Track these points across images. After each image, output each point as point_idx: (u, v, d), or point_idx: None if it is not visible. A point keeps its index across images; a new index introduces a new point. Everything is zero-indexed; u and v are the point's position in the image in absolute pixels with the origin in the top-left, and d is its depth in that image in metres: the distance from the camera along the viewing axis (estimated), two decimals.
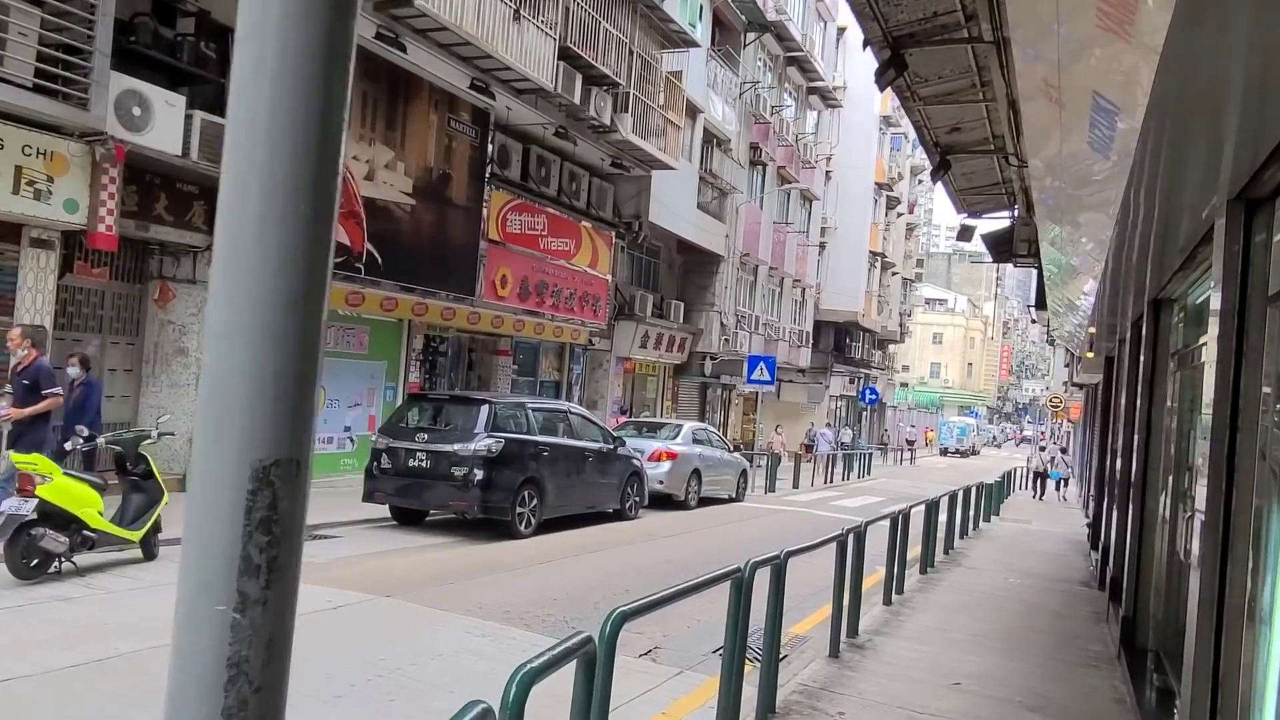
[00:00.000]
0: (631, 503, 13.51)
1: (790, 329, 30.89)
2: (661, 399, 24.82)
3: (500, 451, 10.38)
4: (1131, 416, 8.93)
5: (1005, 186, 13.97)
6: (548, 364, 19.71)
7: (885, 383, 49.89)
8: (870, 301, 40.73)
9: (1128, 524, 7.61)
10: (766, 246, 27.93)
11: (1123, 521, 8.86)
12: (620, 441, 13.31)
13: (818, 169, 32.67)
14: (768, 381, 20.69)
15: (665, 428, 16.71)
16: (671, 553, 10.83)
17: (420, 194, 14.21)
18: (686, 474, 15.65)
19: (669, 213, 21.46)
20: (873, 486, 25.70)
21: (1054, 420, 44.33)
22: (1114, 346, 12.18)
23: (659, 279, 24.11)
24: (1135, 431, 8.30)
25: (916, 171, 52.88)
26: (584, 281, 19.06)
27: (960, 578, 10.72)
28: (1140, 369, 7.30)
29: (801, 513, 17.10)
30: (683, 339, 24.16)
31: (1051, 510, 23.92)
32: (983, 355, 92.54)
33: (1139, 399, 7.30)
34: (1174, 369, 6.96)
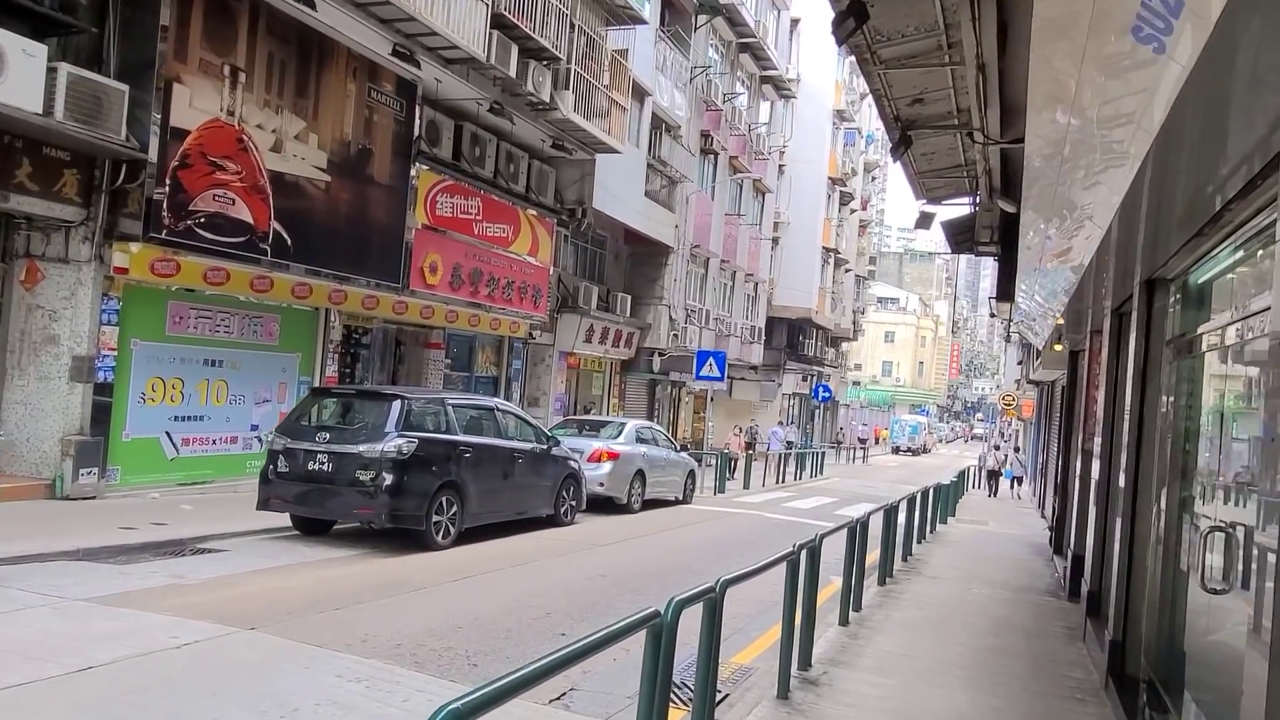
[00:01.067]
0: (567, 508, 12.42)
1: (742, 325, 30.04)
2: (608, 396, 23.76)
3: (413, 453, 9.22)
4: (1115, 414, 8.09)
5: (968, 170, 13.15)
6: (485, 358, 18.53)
7: (838, 381, 49.43)
8: (823, 298, 40.12)
9: (1115, 537, 6.74)
10: (718, 239, 27.02)
11: (1105, 533, 8.01)
12: (554, 441, 12.21)
13: (771, 161, 31.87)
14: (718, 378, 19.76)
15: (607, 426, 15.66)
16: (607, 564, 9.77)
17: (337, 170, 12.95)
18: (629, 475, 14.61)
19: (615, 200, 20.41)
20: (825, 486, 24.94)
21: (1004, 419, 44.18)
22: (1082, 340, 11.41)
23: (605, 270, 23.04)
24: (1122, 432, 7.48)
25: (870, 168, 52.54)
26: (523, 271, 17.91)
27: (922, 589, 9.83)
28: (1130, 359, 6.43)
29: (752, 515, 16.17)
30: (630, 334, 23.13)
31: (1006, 509, 23.37)
32: (934, 354, 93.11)
33: (1128, 394, 6.43)
34: (1170, 358, 6.09)
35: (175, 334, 11.42)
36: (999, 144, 10.93)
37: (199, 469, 11.90)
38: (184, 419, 11.65)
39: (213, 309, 11.90)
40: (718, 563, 10.53)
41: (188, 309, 11.55)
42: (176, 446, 11.55)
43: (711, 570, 10.11)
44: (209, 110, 10.91)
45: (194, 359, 11.72)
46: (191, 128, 10.67)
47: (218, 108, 11.01)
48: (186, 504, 10.66)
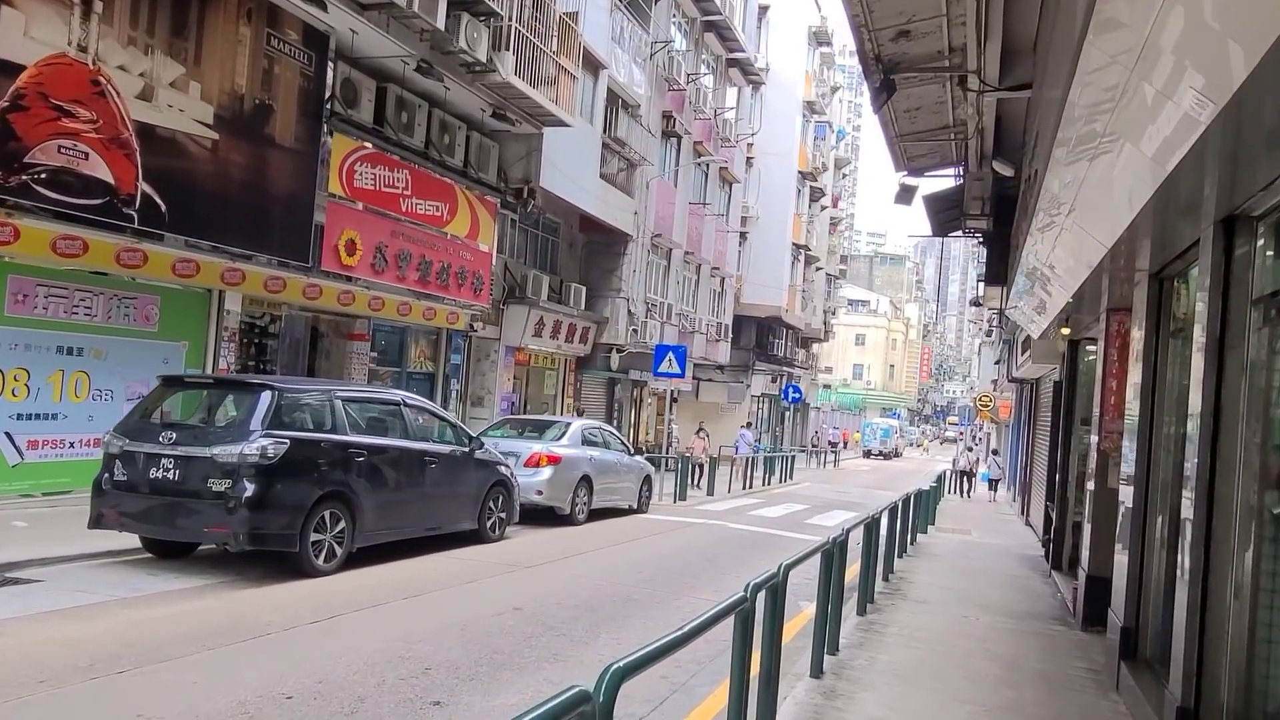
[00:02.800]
0: (495, 521, 10.64)
1: (708, 321, 28.39)
2: (562, 396, 21.98)
3: (283, 456, 7.40)
4: (1154, 405, 6.48)
5: (955, 132, 11.52)
6: (419, 353, 16.68)
7: (809, 383, 48.01)
8: (793, 296, 38.64)
9: (1176, 572, 5.09)
10: (681, 228, 25.35)
11: (1143, 555, 6.39)
12: (478, 443, 10.43)
13: (738, 149, 30.29)
14: (678, 374, 18.07)
15: (551, 427, 13.89)
16: (528, 592, 8.00)
17: (227, 127, 11.09)
18: (573, 482, 12.85)
19: (567, 181, 18.65)
20: (796, 492, 23.33)
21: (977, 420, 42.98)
22: (1091, 323, 9.83)
23: (558, 259, 21.27)
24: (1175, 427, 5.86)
25: (841, 164, 51.28)
26: (461, 255, 16.10)
27: (909, 618, 8.16)
28: (1199, 328, 4.78)
29: (714, 526, 14.48)
30: (585, 328, 21.37)
31: (986, 515, 21.89)
32: (904, 357, 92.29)
33: (1197, 376, 4.78)
34: (1259, 324, 4.47)
35: (17, 315, 9.50)
36: (998, 91, 9.34)
37: (52, 477, 9.97)
38: (30, 417, 9.71)
39: (69, 287, 9.98)
40: (667, 586, 8.80)
41: (34, 285, 9.63)
42: (20, 450, 9.62)
43: (658, 597, 8.40)
44: (52, 43, 9.02)
45: (43, 345, 9.78)
46: (26, 63, 8.78)
47: (64, 41, 9.12)
48: (21, 520, 8.74)
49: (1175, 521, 6.13)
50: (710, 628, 3.39)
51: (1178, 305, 6.19)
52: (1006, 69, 9.10)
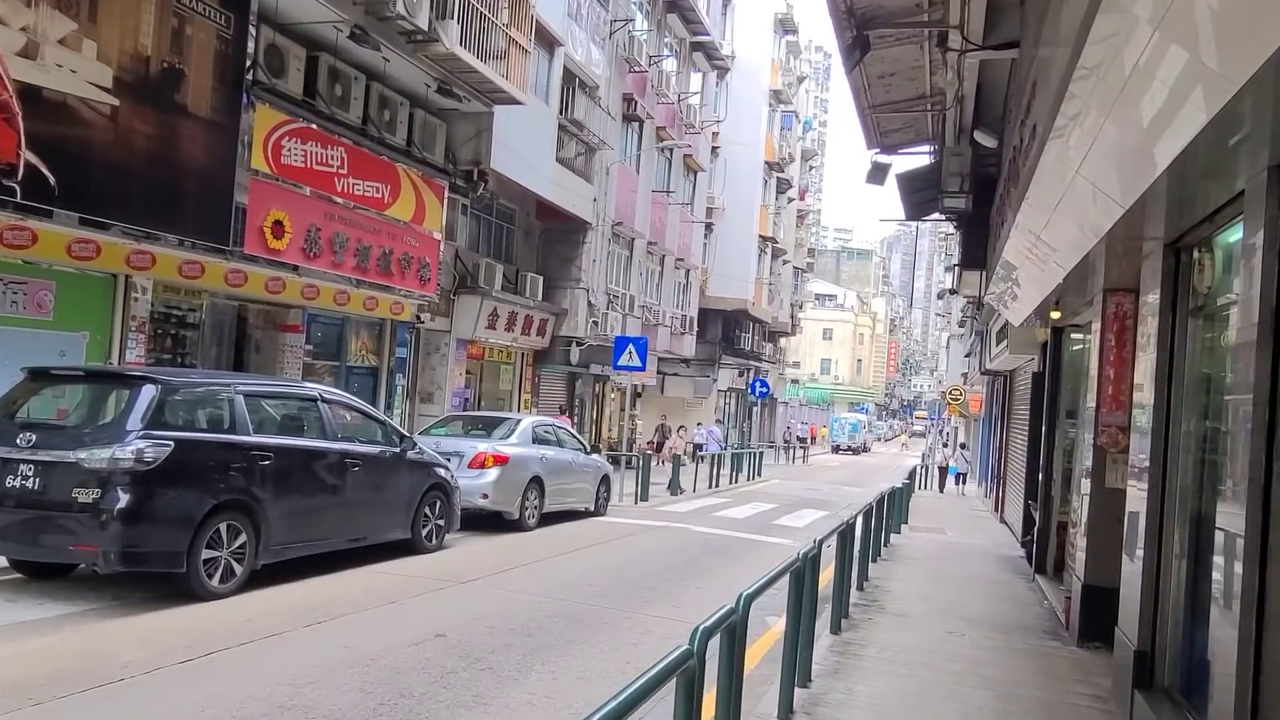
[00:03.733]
0: (431, 529, 9.62)
1: (672, 314, 27.46)
2: (519, 391, 20.94)
3: (167, 461, 6.34)
4: (1168, 400, 5.63)
5: (933, 102, 10.65)
6: (360, 346, 15.57)
7: (777, 377, 47.33)
8: (760, 289, 37.87)
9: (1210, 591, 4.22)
10: (644, 217, 24.39)
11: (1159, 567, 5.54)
12: (410, 443, 9.40)
13: (703, 136, 29.39)
14: (638, 367, 17.11)
15: (500, 424, 12.86)
16: (457, 614, 7.00)
17: (130, 92, 9.93)
18: (522, 484, 11.85)
19: (521, 164, 17.61)
20: (764, 490, 22.50)
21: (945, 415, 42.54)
22: (1081, 306, 9.01)
23: (514, 248, 20.21)
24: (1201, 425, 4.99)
25: (808, 156, 50.61)
26: (405, 240, 15.01)
27: (889, 637, 7.28)
28: (1255, 294, 3.90)
29: (676, 529, 13.55)
30: (543, 320, 20.35)
31: (959, 511, 21.21)
32: (871, 352, 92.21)
33: (1252, 357, 3.90)
34: None
35: None
36: (982, 50, 8.47)
37: None
38: None
39: None
40: (619, 602, 7.84)
41: None
42: None
43: (608, 616, 7.37)
44: None
45: None
46: None
47: None
48: None
49: (1199, 531, 5.30)
50: (643, 701, 2.43)
51: (1200, 278, 5.34)
52: (991, 25, 8.27)
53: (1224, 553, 4.62)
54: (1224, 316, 5.25)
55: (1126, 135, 4.34)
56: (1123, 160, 4.59)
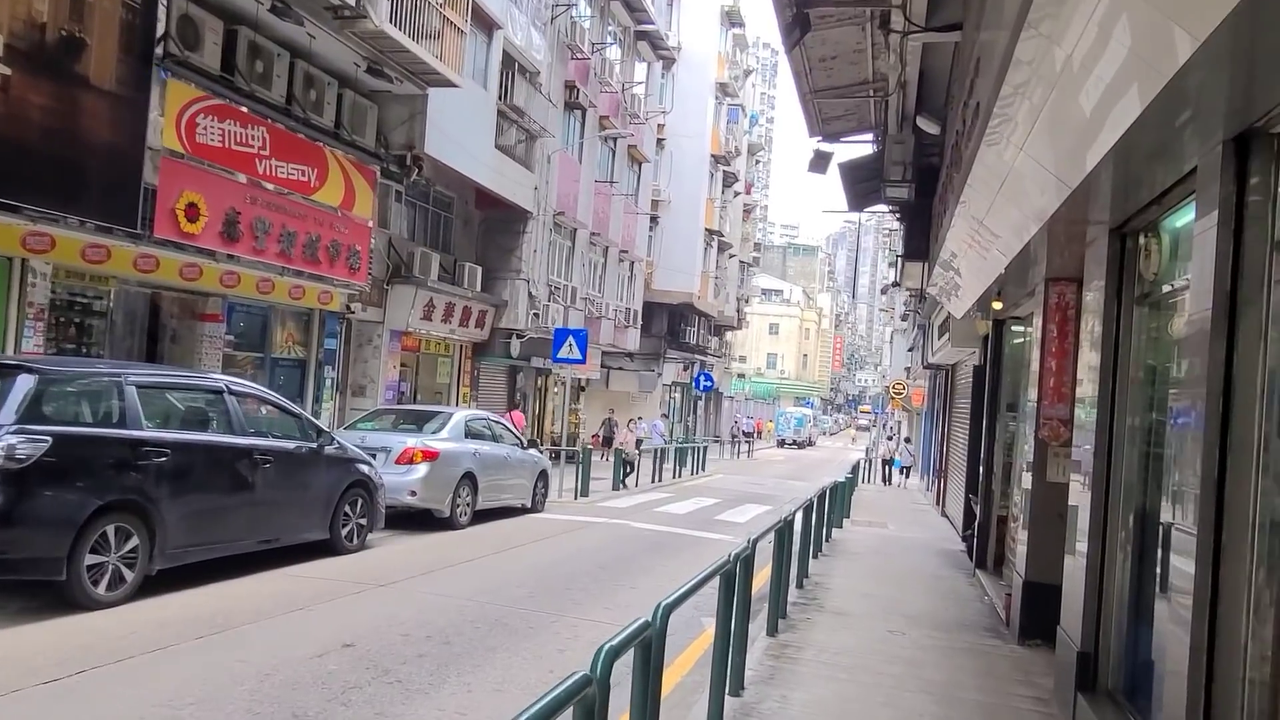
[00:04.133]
0: (353, 528, 9.11)
1: (616, 307, 27.07)
2: (457, 384, 20.38)
3: (44, 458, 5.77)
4: (1112, 391, 5.41)
5: (875, 88, 10.42)
6: (286, 337, 14.89)
7: (722, 371, 47.27)
8: (706, 283, 37.70)
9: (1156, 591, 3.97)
10: (587, 207, 23.95)
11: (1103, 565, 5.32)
12: (328, 438, 8.88)
13: (648, 127, 29.03)
14: (579, 360, 16.69)
15: (432, 418, 12.34)
16: (371, 622, 6.53)
17: (23, 60, 9.21)
18: (453, 480, 11.37)
19: (458, 150, 17.05)
20: (708, 485, 22.28)
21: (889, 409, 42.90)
22: (1023, 297, 8.84)
23: (451, 237, 19.62)
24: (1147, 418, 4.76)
25: (755, 150, 50.60)
26: (334, 227, 14.38)
27: (828, 637, 7.01)
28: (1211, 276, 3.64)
29: (615, 526, 13.19)
30: (482, 312, 19.81)
31: (901, 505, 21.24)
32: (817, 346, 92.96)
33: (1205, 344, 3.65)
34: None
35: None
36: (925, 33, 8.23)
37: None
38: None
39: None
40: (550, 604, 7.45)
41: None
42: None
43: (535, 620, 6.79)
44: None
45: None
46: None
47: None
48: None
49: (1144, 527, 5.09)
50: None
51: (1146, 265, 5.13)
52: (934, 6, 8.03)
53: (1171, 551, 4.40)
54: (1171, 304, 5.05)
55: (1072, 112, 4.09)
56: (1068, 138, 4.34)
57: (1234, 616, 3.45)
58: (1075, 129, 4.16)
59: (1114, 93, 3.58)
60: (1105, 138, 3.86)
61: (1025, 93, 4.53)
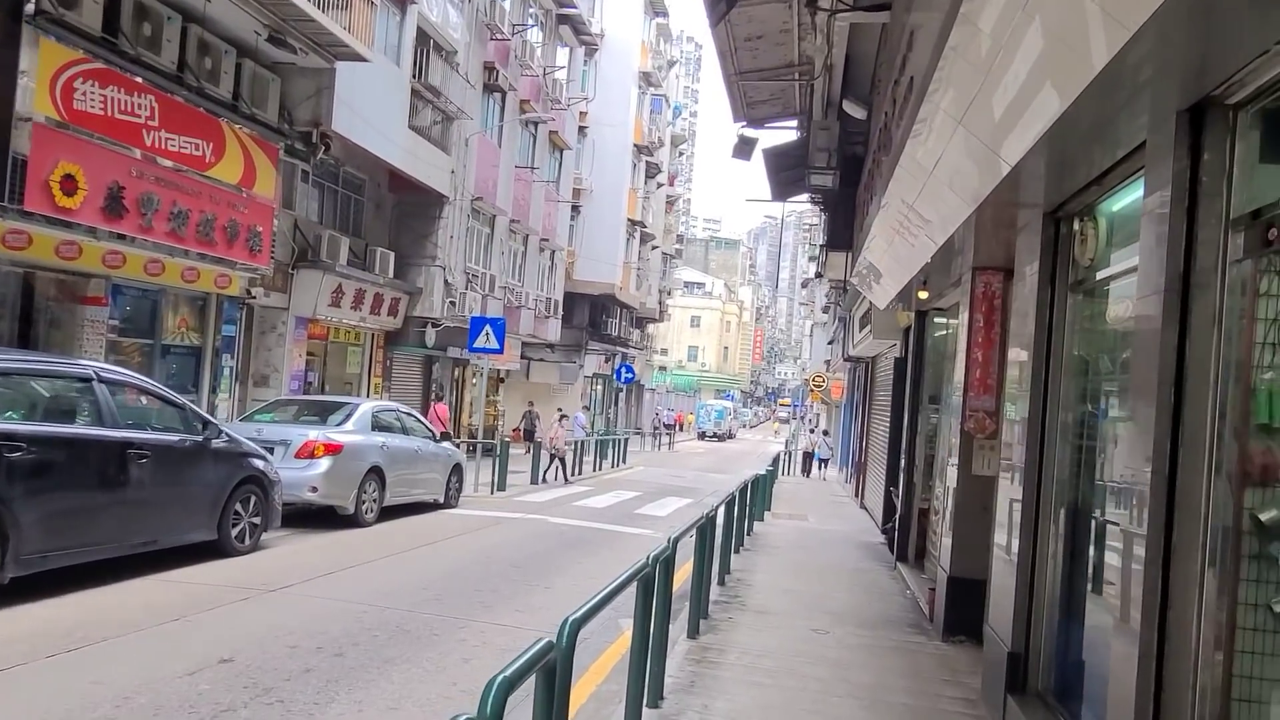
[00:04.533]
0: (243, 528, 8.44)
1: (536, 296, 26.49)
2: (369, 375, 19.56)
3: None
4: (1045, 383, 5.21)
5: (800, 71, 10.17)
6: (179, 322, 13.93)
7: (644, 364, 47.05)
8: (628, 274, 37.35)
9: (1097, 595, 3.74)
10: (506, 193, 23.30)
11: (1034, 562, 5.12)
12: (214, 430, 8.19)
13: (570, 114, 28.48)
14: (496, 350, 16.13)
15: (336, 410, 11.65)
16: (254, 633, 5.94)
17: None
18: (359, 475, 10.74)
19: (369, 129, 16.26)
20: (628, 478, 21.98)
21: (808, 401, 43.30)
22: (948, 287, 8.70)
23: (363, 220, 18.79)
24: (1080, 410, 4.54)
25: (678, 141, 50.43)
26: (232, 206, 13.49)
27: (750, 638, 6.71)
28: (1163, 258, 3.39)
29: (532, 521, 12.73)
30: (395, 299, 19.04)
31: (820, 497, 21.30)
32: (738, 340, 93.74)
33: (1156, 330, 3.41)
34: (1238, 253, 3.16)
35: None
36: (853, 12, 7.98)
37: None
38: None
39: None
40: (456, 608, 6.96)
41: None
42: None
43: (438, 627, 6.06)
44: None
45: None
46: None
47: None
48: None
49: (1077, 524, 4.91)
50: None
51: (1081, 250, 4.93)
52: None
53: (1108, 549, 4.20)
54: (1105, 292, 4.86)
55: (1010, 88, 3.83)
56: (1007, 116, 4.08)
57: (1184, 621, 3.22)
58: (1014, 106, 3.90)
59: (1057, 66, 3.32)
60: (1046, 113, 3.60)
61: (961, 69, 4.26)
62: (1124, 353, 4.45)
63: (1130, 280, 4.41)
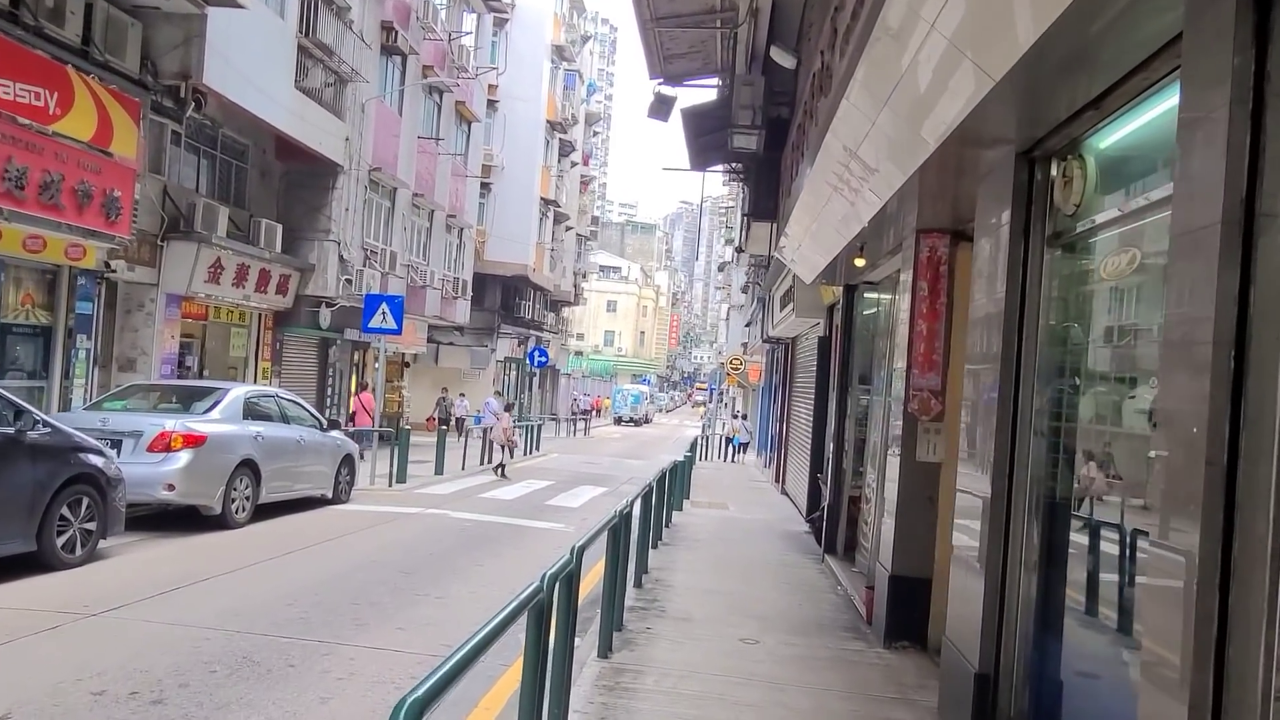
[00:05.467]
0: (74, 535, 7.12)
1: (444, 276, 25.08)
2: (257, 358, 17.96)
3: None
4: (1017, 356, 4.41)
5: (723, 18, 9.17)
6: (22, 298, 12.21)
7: (559, 348, 45.88)
8: (541, 254, 36.13)
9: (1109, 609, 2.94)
10: (409, 165, 21.84)
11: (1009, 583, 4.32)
12: (29, 421, 6.84)
13: (478, 84, 27.05)
14: (393, 330, 14.85)
15: (204, 396, 10.26)
16: (50, 676, 4.72)
17: None
18: (226, 470, 9.43)
19: (249, 86, 14.70)
20: (541, 466, 20.96)
21: (725, 385, 42.90)
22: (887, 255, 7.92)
23: (246, 189, 17.16)
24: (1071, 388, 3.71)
25: (592, 120, 49.23)
26: (84, 165, 11.85)
27: (670, 655, 5.80)
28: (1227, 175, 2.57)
29: (431, 516, 11.61)
30: (285, 276, 17.48)
31: (740, 483, 20.68)
32: (654, 324, 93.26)
33: (1211, 276, 2.58)
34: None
35: None
36: None
37: None
38: None
39: None
40: (323, 628, 5.81)
41: None
42: None
43: (295, 655, 4.86)
44: None
45: None
46: None
47: None
48: None
49: (1057, 525, 4.14)
50: None
51: (1065, 195, 4.13)
52: None
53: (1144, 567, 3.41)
54: (1091, 245, 4.08)
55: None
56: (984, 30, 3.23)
57: (1248, 661, 2.42)
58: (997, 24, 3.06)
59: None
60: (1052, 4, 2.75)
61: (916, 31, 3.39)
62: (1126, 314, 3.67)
63: (1132, 228, 3.62)
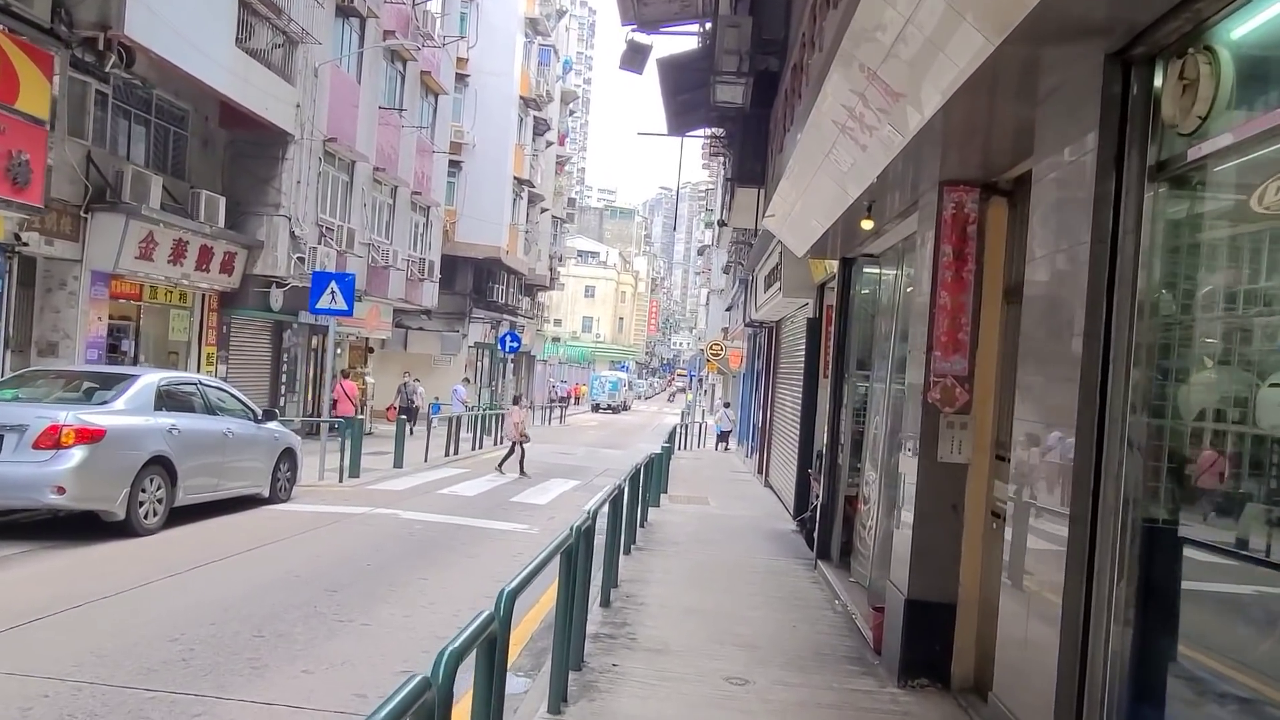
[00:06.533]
0: None
1: (409, 256, 23.73)
2: (200, 343, 16.62)
3: None
4: (1107, 331, 3.26)
5: None
6: None
7: (535, 334, 44.59)
8: (515, 236, 34.79)
9: None
10: (368, 136, 20.46)
11: (1094, 627, 3.20)
12: None
13: (445, 55, 25.63)
14: (344, 311, 13.57)
15: (111, 384, 8.95)
16: None
17: None
18: (132, 468, 8.16)
19: (182, 42, 13.31)
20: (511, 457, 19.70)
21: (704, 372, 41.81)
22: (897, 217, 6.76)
23: (186, 159, 15.77)
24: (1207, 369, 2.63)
25: (568, 98, 47.80)
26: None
27: (637, 707, 4.65)
28: None
29: (379, 518, 10.40)
30: (230, 253, 16.12)
31: (719, 473, 19.64)
32: (633, 310, 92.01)
33: None
34: None
35: None
36: None
37: None
38: None
39: None
40: (216, 670, 4.55)
41: None
42: None
43: (173, 710, 4.11)
44: None
45: None
46: None
47: None
48: None
49: (1162, 555, 3.01)
50: None
51: (1182, 110, 2.97)
52: None
53: None
54: (1222, 176, 2.95)
55: None
56: None
57: None
58: None
59: None
60: None
61: None
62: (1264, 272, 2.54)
63: None
